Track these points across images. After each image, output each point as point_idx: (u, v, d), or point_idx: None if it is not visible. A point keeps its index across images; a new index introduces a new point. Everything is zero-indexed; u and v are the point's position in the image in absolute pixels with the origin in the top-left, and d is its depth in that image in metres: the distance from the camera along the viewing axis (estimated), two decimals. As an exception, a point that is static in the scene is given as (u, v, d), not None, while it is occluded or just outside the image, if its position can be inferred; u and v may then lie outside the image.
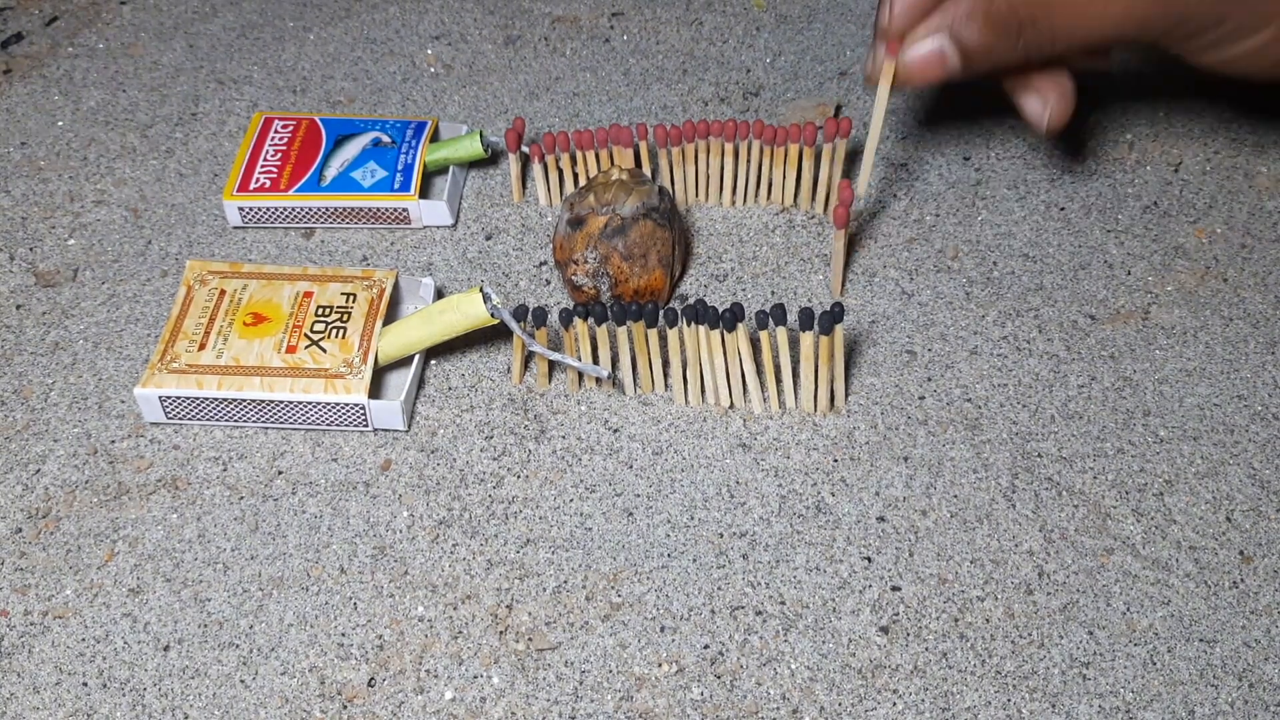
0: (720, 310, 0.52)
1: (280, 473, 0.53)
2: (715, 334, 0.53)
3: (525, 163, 0.65)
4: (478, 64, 0.75)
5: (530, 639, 0.48)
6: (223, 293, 0.57)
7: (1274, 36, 0.50)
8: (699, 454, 0.54)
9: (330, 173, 0.64)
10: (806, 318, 0.51)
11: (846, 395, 0.55)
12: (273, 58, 0.75)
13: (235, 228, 0.64)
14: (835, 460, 0.53)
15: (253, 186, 0.63)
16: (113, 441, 0.55)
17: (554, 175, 0.64)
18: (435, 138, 0.67)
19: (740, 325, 0.52)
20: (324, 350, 0.54)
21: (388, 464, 0.54)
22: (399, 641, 0.48)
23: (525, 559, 0.50)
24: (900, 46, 0.54)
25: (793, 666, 0.47)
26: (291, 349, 0.54)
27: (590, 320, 0.54)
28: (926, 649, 0.47)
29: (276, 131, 0.66)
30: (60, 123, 0.71)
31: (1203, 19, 0.51)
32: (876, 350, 0.58)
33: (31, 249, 0.64)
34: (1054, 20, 0.51)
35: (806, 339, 0.52)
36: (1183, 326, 0.58)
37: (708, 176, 0.64)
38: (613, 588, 0.49)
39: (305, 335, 0.55)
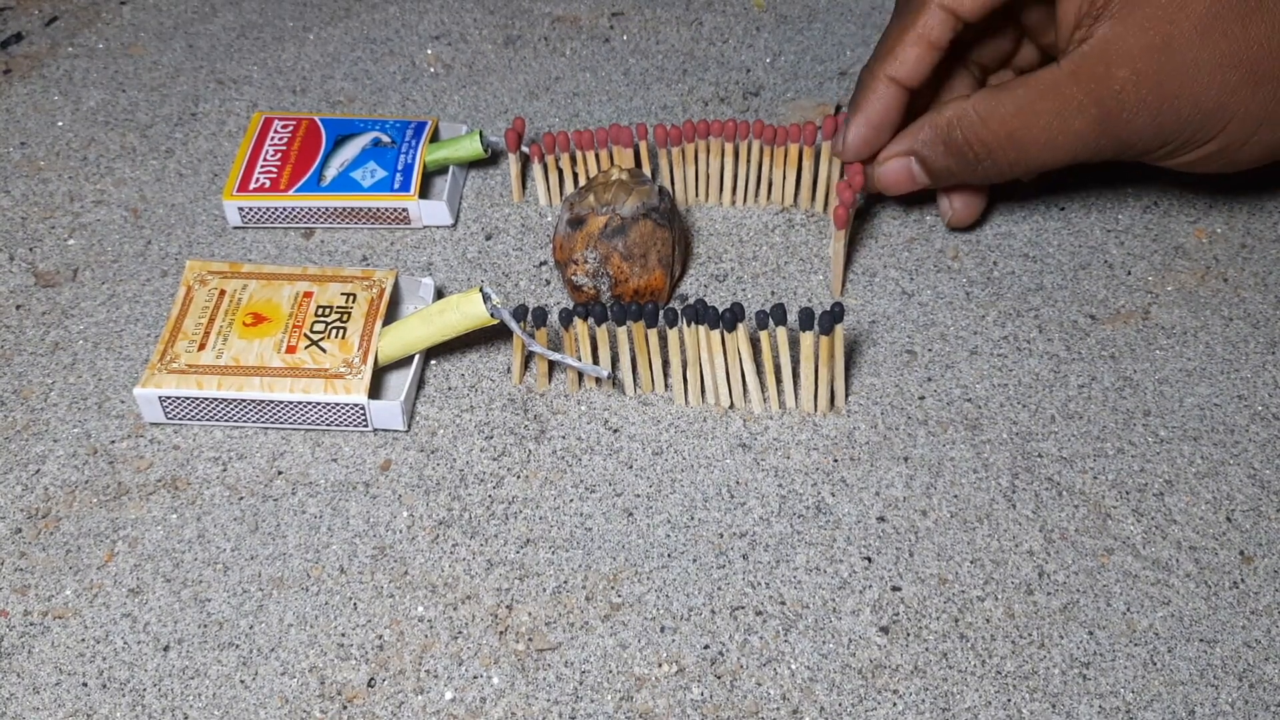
0: (720, 310, 0.52)
1: (280, 473, 0.53)
2: (715, 334, 0.52)
3: (525, 163, 0.65)
4: (478, 64, 0.75)
5: (530, 639, 0.48)
6: (222, 293, 0.57)
7: (1217, 149, 0.54)
8: (699, 454, 0.54)
9: (330, 173, 0.64)
10: (806, 318, 0.51)
11: (846, 395, 0.55)
12: (273, 58, 0.75)
13: (235, 228, 0.64)
14: (835, 460, 0.53)
15: (252, 186, 0.63)
16: (113, 441, 0.55)
17: (554, 175, 0.64)
18: (435, 138, 0.67)
19: (740, 325, 0.52)
20: (324, 350, 0.54)
21: (387, 464, 0.54)
22: (399, 642, 0.48)
23: (525, 559, 0.50)
24: (871, 164, 0.60)
25: (793, 667, 0.47)
26: (291, 349, 0.54)
27: (590, 320, 0.54)
28: (927, 649, 0.47)
29: (276, 131, 0.66)
30: (60, 123, 0.71)
31: (1148, 142, 0.54)
32: (876, 350, 0.58)
33: (31, 249, 0.64)
34: (1009, 153, 0.56)
35: (806, 339, 0.52)
36: (1183, 326, 0.58)
37: (708, 176, 0.64)
38: (613, 588, 0.49)
39: (305, 335, 0.55)
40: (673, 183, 0.64)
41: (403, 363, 0.56)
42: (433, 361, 0.58)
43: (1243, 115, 0.53)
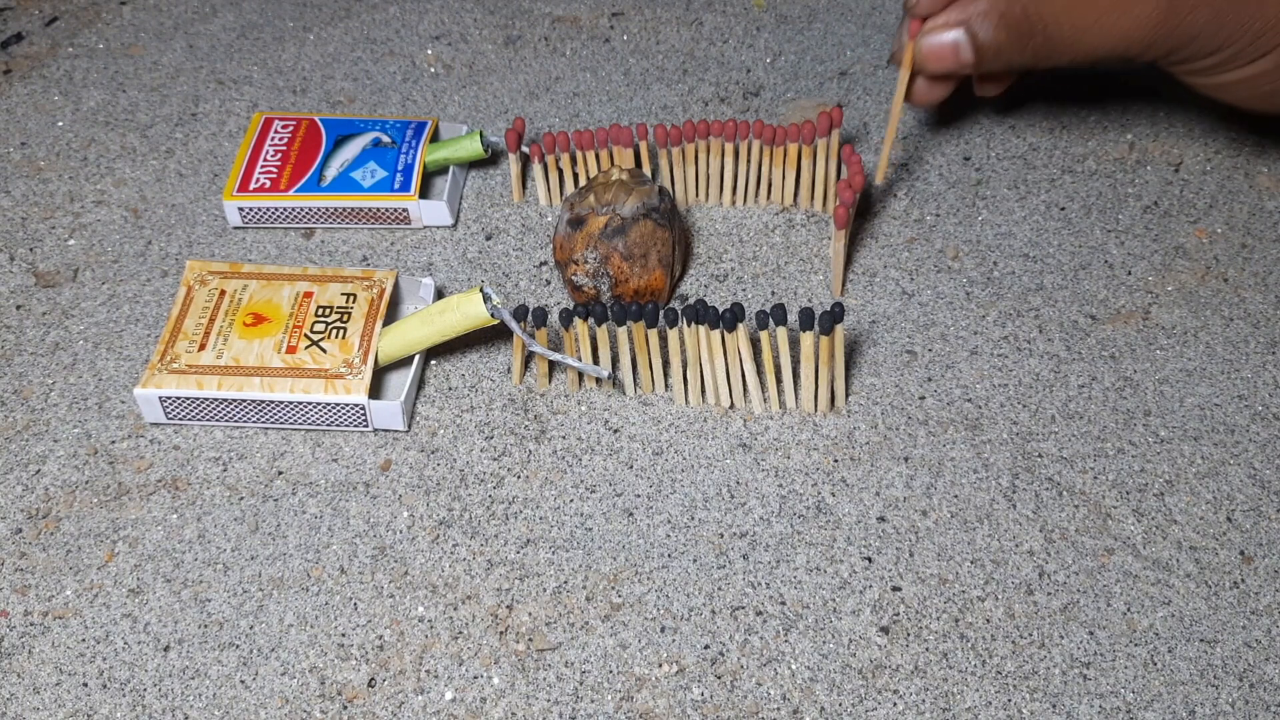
0: (720, 310, 0.52)
1: (280, 473, 0.53)
2: (715, 334, 0.52)
3: (525, 163, 0.65)
4: (478, 64, 0.75)
5: (530, 639, 0.48)
6: (223, 293, 0.57)
7: (1269, 67, 0.53)
8: (699, 454, 0.54)
9: (330, 173, 0.64)
10: (807, 318, 0.51)
11: (847, 395, 0.55)
12: (273, 58, 0.75)
13: (235, 228, 0.64)
14: (835, 460, 0.53)
15: (253, 187, 0.63)
16: (113, 442, 0.55)
17: (554, 175, 0.64)
18: (435, 138, 0.67)
19: (740, 325, 0.52)
20: (324, 350, 0.54)
21: (388, 464, 0.54)
22: (399, 642, 0.48)
23: (525, 559, 0.50)
24: (920, 30, 0.57)
25: (793, 667, 0.47)
26: (291, 349, 0.54)
27: (590, 320, 0.54)
28: (927, 649, 0.47)
29: (276, 132, 0.66)
30: (60, 123, 0.71)
31: (1203, 44, 0.53)
32: (877, 350, 0.58)
33: (31, 249, 0.64)
34: (1063, 31, 0.53)
35: (807, 339, 0.52)
36: (1183, 326, 0.58)
37: (708, 176, 0.64)
38: (613, 588, 0.49)
39: (305, 335, 0.55)
40: (673, 183, 0.64)
41: (403, 363, 0.56)
42: (433, 361, 0.58)
43: None
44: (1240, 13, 0.51)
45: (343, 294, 0.57)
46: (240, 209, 0.63)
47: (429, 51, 0.76)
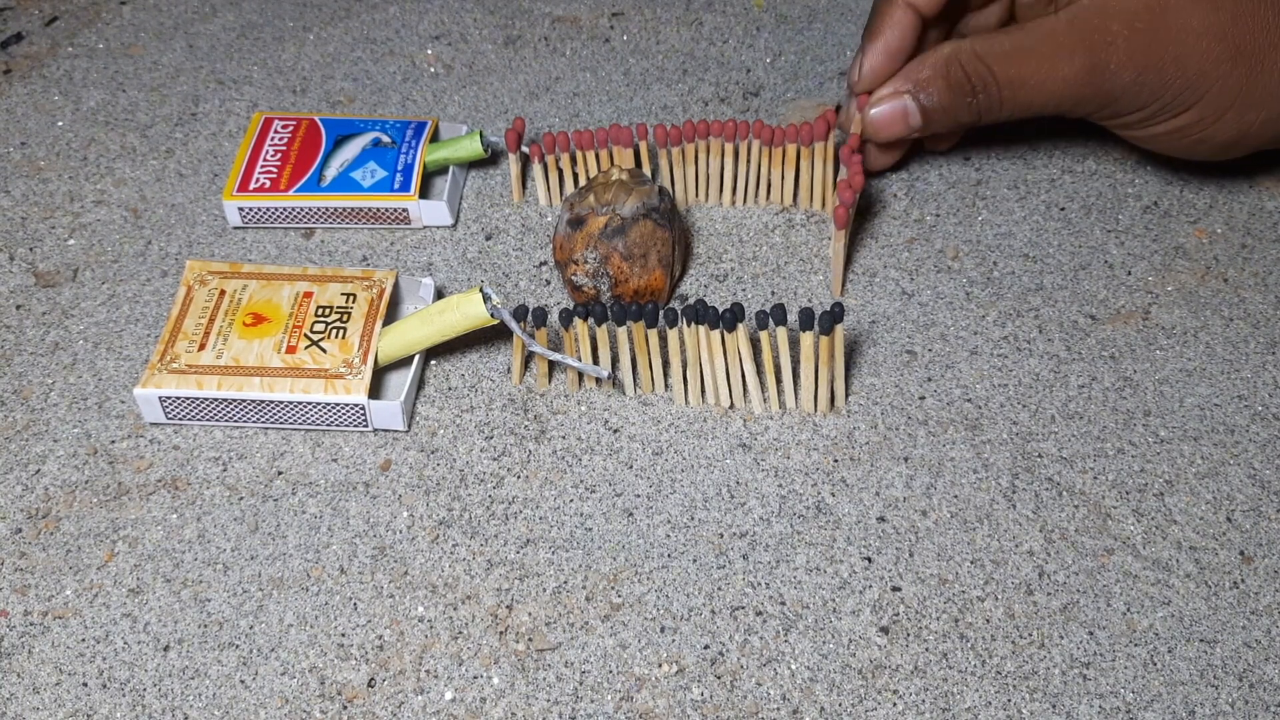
0: (720, 310, 0.52)
1: (280, 473, 0.53)
2: (715, 334, 0.52)
3: (525, 163, 0.65)
4: (478, 64, 0.75)
5: (530, 639, 0.48)
6: (222, 293, 0.57)
7: (1195, 119, 0.57)
8: (699, 454, 0.54)
9: (330, 173, 0.64)
10: (806, 318, 0.51)
11: (847, 395, 0.55)
12: (273, 58, 0.76)
13: (235, 228, 0.64)
14: (835, 460, 0.53)
15: (252, 187, 0.63)
16: (113, 441, 0.55)
17: (554, 175, 0.64)
18: (435, 138, 0.67)
19: (740, 325, 0.52)
20: (324, 350, 0.54)
21: (387, 464, 0.54)
22: (399, 642, 0.48)
23: (525, 559, 0.50)
24: (867, 103, 0.61)
25: (793, 667, 0.47)
26: (291, 349, 0.54)
27: (590, 320, 0.54)
28: (927, 649, 0.47)
29: (276, 132, 0.66)
30: (60, 123, 0.71)
31: (1128, 102, 0.57)
32: (876, 350, 0.58)
33: (31, 249, 0.64)
34: (1001, 90, 0.58)
35: (806, 339, 0.52)
36: (1183, 326, 0.58)
37: (708, 176, 0.64)
38: (613, 588, 0.49)
39: (305, 335, 0.55)
40: (673, 183, 0.64)
41: (403, 363, 0.56)
42: (433, 361, 0.58)
43: (1219, 89, 0.55)
44: (1161, 71, 0.55)
45: (342, 294, 0.57)
46: (240, 209, 0.63)
47: (429, 51, 0.76)
